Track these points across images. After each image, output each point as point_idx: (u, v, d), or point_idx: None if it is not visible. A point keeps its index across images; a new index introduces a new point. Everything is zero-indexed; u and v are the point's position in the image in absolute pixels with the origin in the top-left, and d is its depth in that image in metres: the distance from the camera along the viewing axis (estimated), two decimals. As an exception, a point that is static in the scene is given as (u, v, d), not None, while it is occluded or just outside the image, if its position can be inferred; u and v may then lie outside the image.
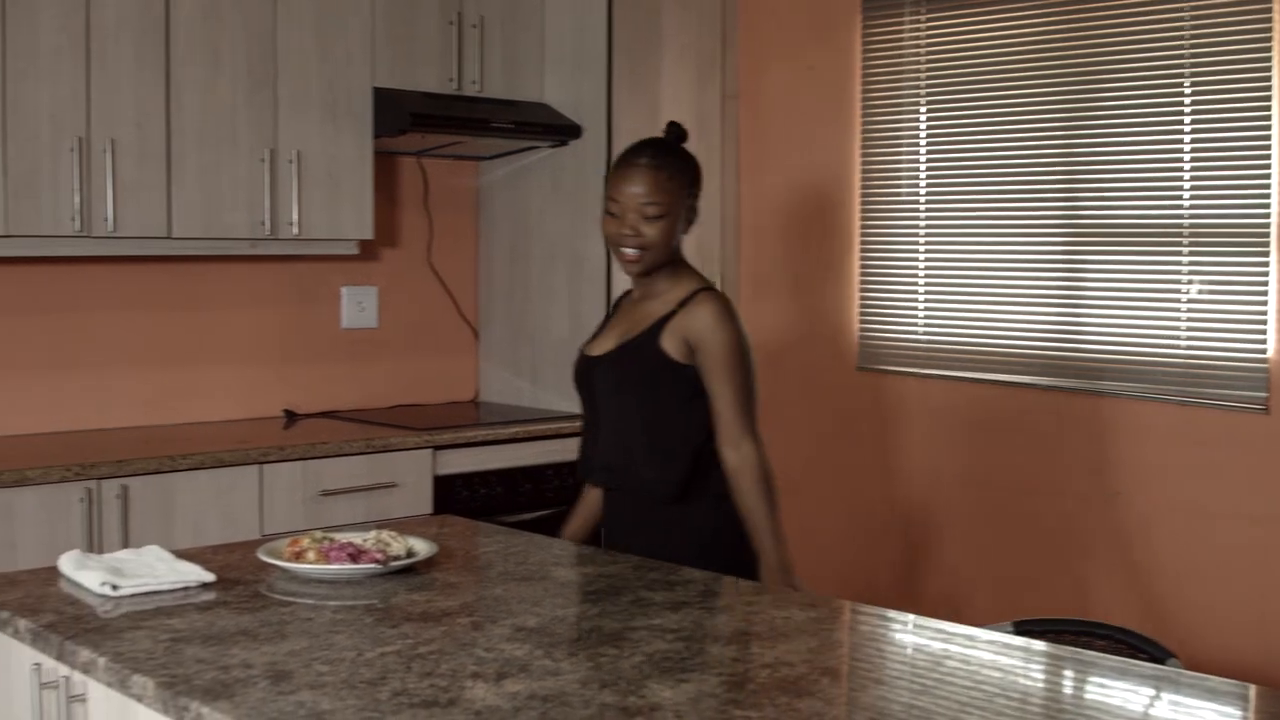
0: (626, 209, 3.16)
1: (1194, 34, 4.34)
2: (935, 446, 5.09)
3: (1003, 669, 2.23)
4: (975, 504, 4.96)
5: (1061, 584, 4.71)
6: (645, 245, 3.17)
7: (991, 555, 4.93)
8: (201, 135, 4.42)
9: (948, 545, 5.06)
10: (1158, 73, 4.42)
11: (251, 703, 1.94)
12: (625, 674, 2.08)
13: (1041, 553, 4.77)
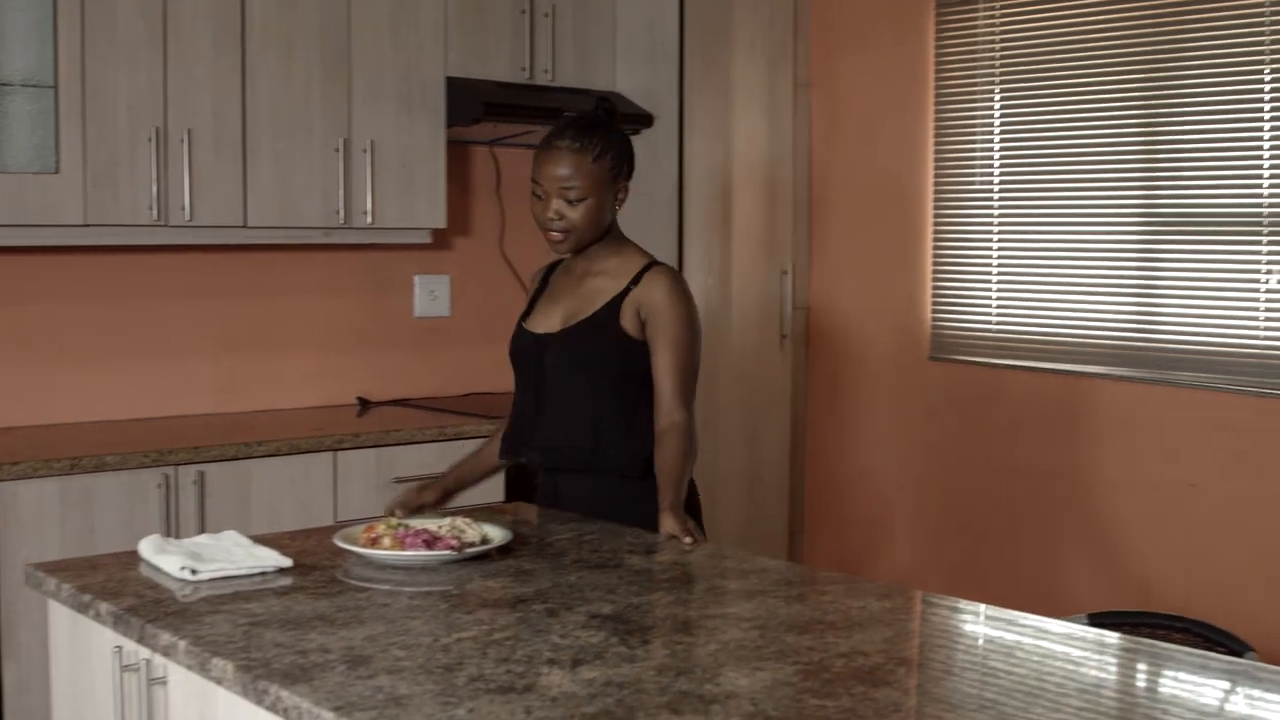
0: (549, 192, 3.12)
1: (1274, 17, 4.28)
2: (1007, 437, 5.05)
3: (1075, 661, 2.21)
4: (1048, 495, 4.92)
5: (1135, 576, 4.67)
6: (569, 228, 3.14)
7: (1064, 547, 4.89)
8: (276, 125, 4.45)
9: (1020, 537, 5.02)
10: (1237, 57, 4.36)
11: (330, 686, 1.95)
12: (700, 662, 2.08)
13: (1115, 545, 4.73)
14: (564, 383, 3.22)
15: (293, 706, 1.93)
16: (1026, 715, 1.91)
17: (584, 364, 3.21)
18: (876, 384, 5.49)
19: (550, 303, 3.30)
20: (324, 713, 1.87)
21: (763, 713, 1.86)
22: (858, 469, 5.58)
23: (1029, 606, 2.85)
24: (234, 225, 4.40)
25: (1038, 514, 4.96)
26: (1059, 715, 1.90)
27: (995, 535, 5.10)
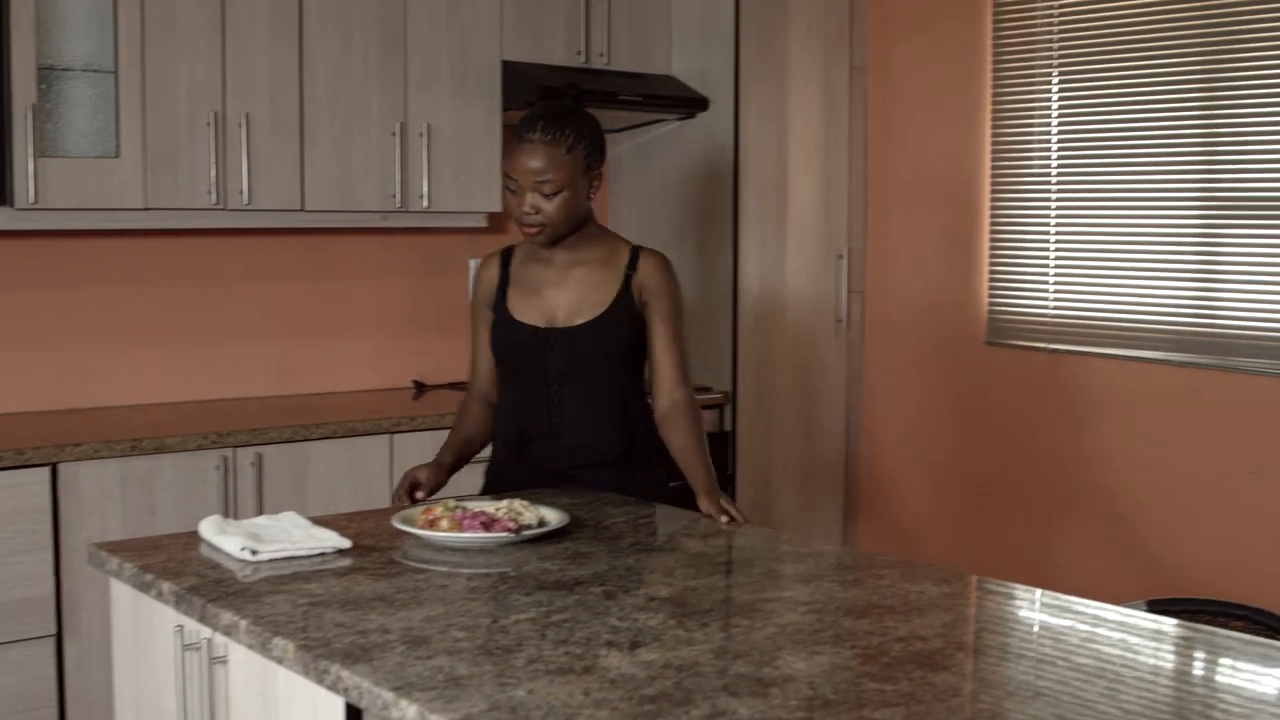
0: (524, 186, 3.06)
1: (1339, 1, 4.23)
2: (1064, 422, 5.02)
3: (1133, 647, 2.20)
4: (1105, 480, 4.89)
5: (1196, 563, 4.64)
6: (545, 221, 3.08)
7: (1122, 534, 4.86)
8: (334, 108, 4.47)
9: (1076, 523, 4.99)
10: (1301, 41, 4.32)
11: (390, 666, 1.97)
12: (759, 645, 2.09)
13: (1175, 531, 4.70)
14: (588, 377, 3.18)
15: (353, 686, 1.94)
16: (1083, 701, 1.90)
17: (613, 355, 3.20)
18: (932, 369, 5.47)
19: (532, 294, 3.20)
20: (384, 692, 1.88)
21: (821, 696, 1.86)
22: (913, 455, 5.56)
23: (1087, 593, 2.83)
24: (291, 209, 4.43)
25: (1094, 500, 4.93)
26: (1116, 701, 1.89)
27: (1051, 521, 5.07)
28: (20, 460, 3.74)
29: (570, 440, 3.20)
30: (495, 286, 3.24)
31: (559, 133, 3.06)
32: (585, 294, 3.19)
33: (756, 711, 1.80)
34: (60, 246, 4.43)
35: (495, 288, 3.24)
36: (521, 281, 3.22)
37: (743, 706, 1.82)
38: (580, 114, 3.16)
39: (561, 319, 3.18)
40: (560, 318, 3.18)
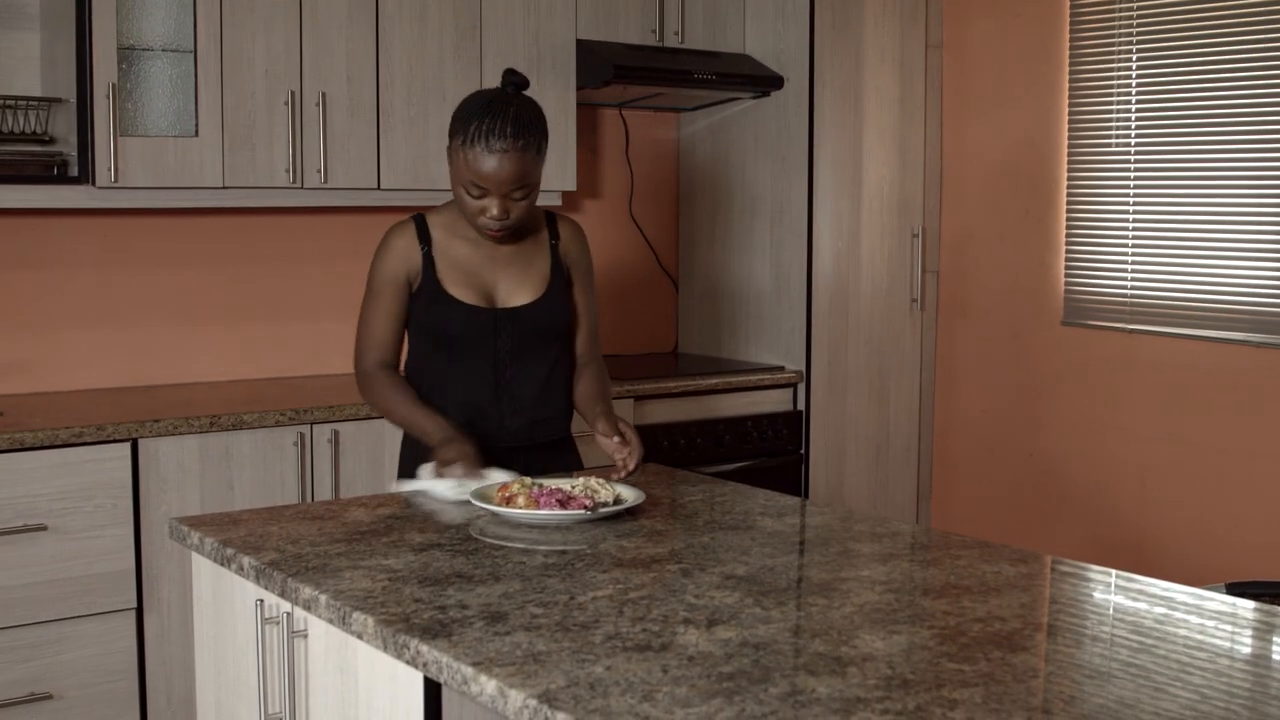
0: (491, 192, 2.95)
1: None
2: (1141, 404, 4.97)
3: (1208, 630, 2.18)
4: (1183, 463, 4.84)
5: (1278, 546, 4.58)
6: (512, 224, 3.00)
7: (1200, 516, 4.81)
8: (410, 88, 4.49)
9: (1152, 505, 4.95)
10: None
11: (469, 642, 1.98)
12: (836, 624, 2.08)
13: (1254, 514, 4.64)
14: (535, 357, 3.15)
15: (433, 661, 1.96)
16: (1156, 685, 1.88)
17: (559, 333, 3.18)
18: (1008, 350, 5.43)
19: (466, 273, 3.10)
20: (464, 668, 1.89)
21: (900, 675, 1.86)
22: (987, 436, 5.52)
23: (1166, 575, 2.81)
24: (368, 188, 4.45)
25: (1171, 482, 4.88)
26: (1188, 685, 1.87)
27: (1128, 503, 5.03)
28: (101, 436, 3.78)
29: (519, 420, 3.14)
30: (419, 263, 3.09)
31: (529, 138, 2.94)
32: (522, 271, 3.13)
33: (835, 690, 1.80)
34: (140, 225, 4.48)
35: (419, 265, 3.09)
36: (449, 259, 3.10)
37: (820, 685, 1.82)
38: (532, 105, 3.02)
39: (501, 298, 3.11)
40: (500, 297, 3.11)
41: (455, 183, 3.00)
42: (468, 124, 2.94)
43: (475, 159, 2.92)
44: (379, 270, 3.12)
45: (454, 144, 2.97)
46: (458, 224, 3.11)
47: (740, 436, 4.93)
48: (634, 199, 5.44)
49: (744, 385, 4.94)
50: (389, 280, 3.11)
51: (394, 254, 3.10)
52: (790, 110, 5.15)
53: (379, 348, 3.15)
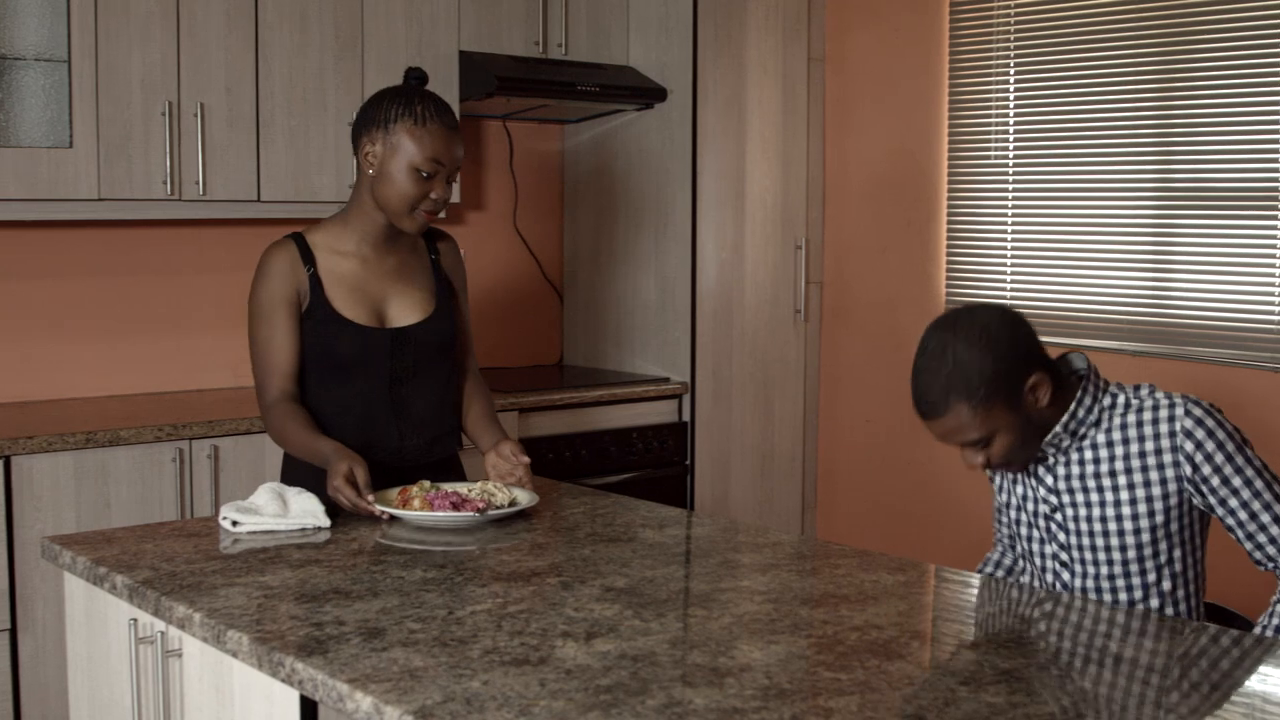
0: (442, 173, 2.95)
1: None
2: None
3: (1091, 632, 2.21)
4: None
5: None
6: (442, 208, 3.01)
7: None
8: (290, 99, 4.45)
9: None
10: (1252, 34, 4.34)
11: (345, 659, 1.96)
12: (715, 635, 2.09)
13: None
14: (428, 376, 3.11)
15: (308, 679, 1.94)
16: (1033, 688, 1.91)
17: (449, 350, 3.15)
18: (890, 359, 5.48)
19: (354, 291, 3.03)
20: (339, 685, 1.87)
21: (777, 685, 1.86)
22: (871, 445, 5.57)
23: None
24: (247, 199, 4.40)
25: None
26: (1066, 687, 1.90)
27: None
28: (-27, 453, 3.71)
29: (418, 440, 3.09)
30: (306, 284, 2.99)
31: (455, 118, 3.00)
32: (408, 289, 3.09)
33: (712, 701, 1.80)
34: (14, 238, 4.39)
35: (306, 285, 2.99)
36: (335, 277, 3.02)
37: (698, 696, 1.82)
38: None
39: (392, 317, 3.06)
40: (391, 315, 3.06)
41: (391, 172, 2.94)
42: (410, 106, 2.94)
43: (430, 137, 2.92)
44: (265, 293, 2.99)
45: (395, 129, 2.93)
46: (340, 240, 3.04)
47: (626, 448, 4.93)
48: (518, 211, 5.43)
49: (629, 397, 4.95)
50: (279, 301, 2.98)
51: (278, 274, 2.99)
52: (674, 122, 5.17)
53: (280, 375, 2.99)
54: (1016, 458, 2.60)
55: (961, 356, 2.52)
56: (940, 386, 2.53)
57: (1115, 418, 2.61)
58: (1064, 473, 2.65)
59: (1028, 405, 2.56)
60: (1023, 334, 2.58)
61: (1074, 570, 2.65)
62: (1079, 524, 2.63)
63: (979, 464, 2.61)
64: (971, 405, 2.51)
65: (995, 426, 2.54)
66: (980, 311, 2.60)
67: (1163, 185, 4.61)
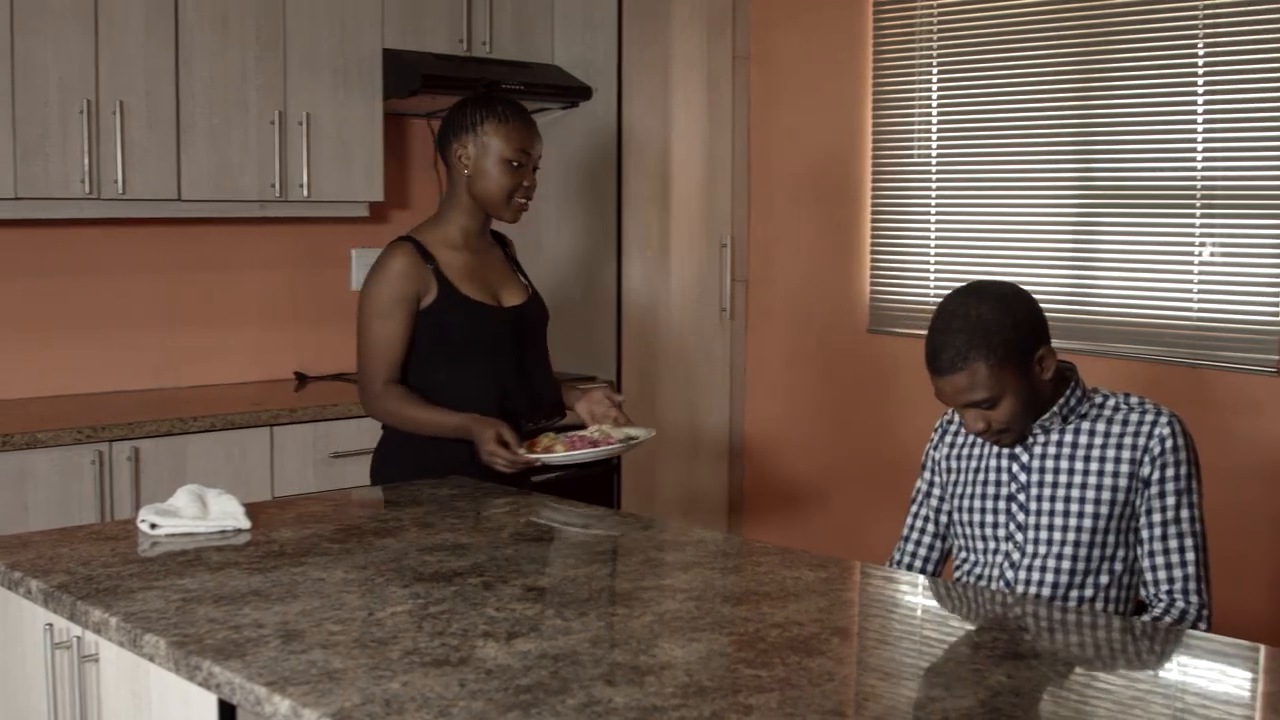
0: (527, 162, 3.27)
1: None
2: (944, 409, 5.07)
3: (1009, 628, 2.23)
4: (986, 466, 4.95)
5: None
6: (532, 198, 3.35)
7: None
8: (211, 98, 4.41)
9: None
10: (1171, 35, 4.39)
11: (263, 661, 1.94)
12: (636, 633, 2.09)
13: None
14: (538, 348, 3.41)
15: (225, 682, 1.92)
16: (949, 682, 1.92)
17: (543, 327, 3.45)
18: (815, 356, 5.51)
19: (473, 280, 3.30)
20: (257, 688, 1.86)
21: (697, 683, 1.87)
22: (796, 443, 5.59)
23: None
24: (168, 198, 4.36)
25: (975, 485, 4.99)
26: (984, 683, 1.91)
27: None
28: (-113, 457, 3.65)
29: (539, 407, 3.40)
30: (430, 279, 3.24)
31: (530, 114, 3.34)
32: (507, 276, 3.41)
33: (632, 700, 1.80)
34: (-72, 238, 4.33)
35: (431, 280, 3.24)
36: (455, 270, 3.28)
37: (618, 695, 1.82)
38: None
39: (505, 299, 3.35)
40: (504, 298, 3.35)
41: (486, 168, 3.25)
42: (491, 108, 3.27)
43: (516, 131, 3.25)
44: (388, 290, 3.23)
45: (484, 129, 3.25)
46: (447, 237, 3.31)
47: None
48: (443, 210, 5.40)
49: (555, 396, 4.93)
50: (399, 300, 3.23)
51: (402, 273, 3.23)
52: (599, 120, 5.17)
53: (390, 367, 3.25)
54: (1016, 425, 2.67)
55: (985, 316, 2.61)
56: (962, 342, 2.61)
57: (1105, 411, 2.71)
58: (1040, 451, 2.72)
59: (1035, 374, 2.65)
60: (1037, 308, 2.70)
61: (1024, 550, 2.69)
62: (1041, 503, 2.70)
63: (980, 429, 2.67)
64: (989, 363, 2.60)
65: (1004, 388, 2.62)
66: (1001, 283, 2.72)
67: (1084, 184, 4.66)
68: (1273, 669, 2.06)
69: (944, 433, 2.94)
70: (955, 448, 2.88)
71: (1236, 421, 4.31)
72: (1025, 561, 2.70)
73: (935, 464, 2.93)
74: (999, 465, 2.77)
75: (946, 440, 2.92)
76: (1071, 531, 2.66)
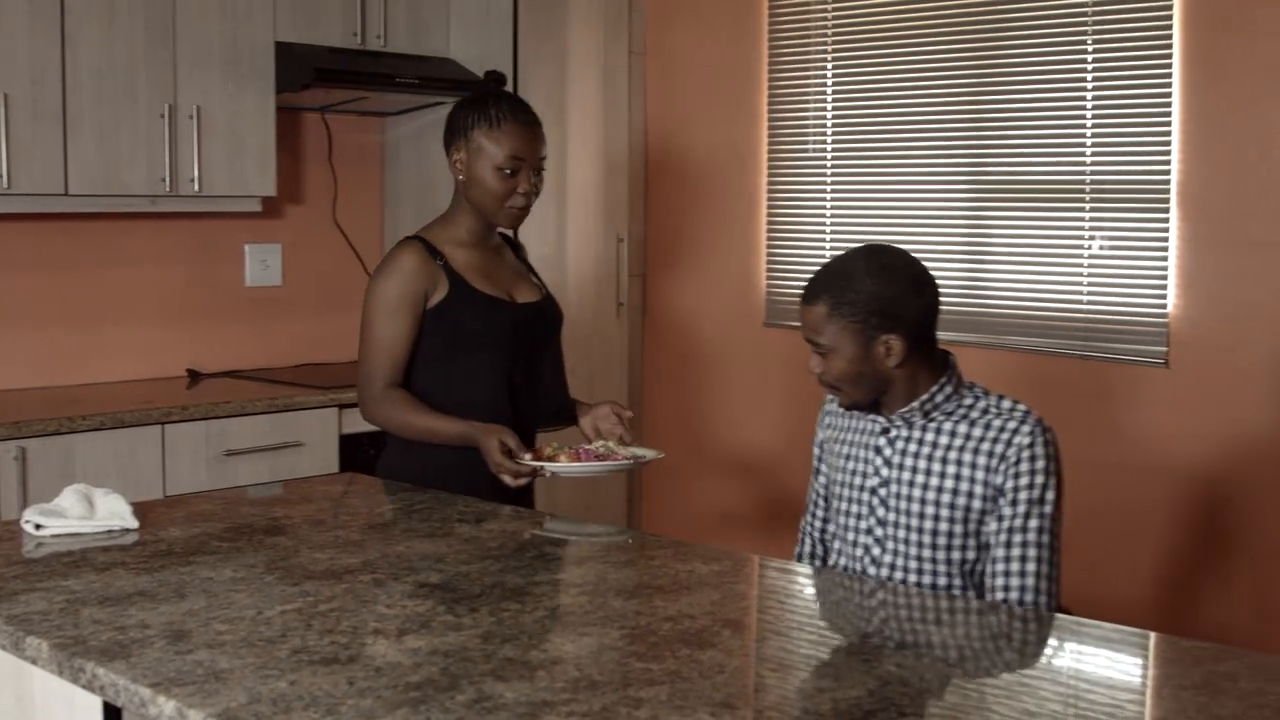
0: (525, 167, 3.17)
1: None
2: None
3: (901, 618, 2.25)
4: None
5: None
6: (532, 203, 3.25)
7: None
8: (99, 91, 4.34)
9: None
10: (1061, 30, 4.46)
11: (148, 663, 1.92)
12: (527, 628, 2.08)
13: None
14: (551, 349, 3.35)
15: (110, 684, 1.89)
16: (840, 672, 1.93)
17: (559, 325, 3.39)
18: (713, 350, 5.53)
19: (486, 275, 3.23)
20: (141, 689, 1.83)
21: (588, 677, 1.86)
22: (695, 437, 5.61)
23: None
24: (55, 193, 4.28)
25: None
26: (873, 672, 1.92)
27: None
28: None
29: (546, 410, 3.32)
30: (441, 276, 3.16)
31: (532, 115, 3.22)
32: (517, 275, 3.33)
33: (522, 695, 1.80)
34: None
35: (441, 277, 3.16)
36: (464, 265, 3.21)
37: (508, 690, 1.81)
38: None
39: (519, 296, 3.27)
40: (517, 295, 3.27)
41: (478, 175, 3.16)
42: (485, 110, 3.16)
43: (509, 134, 3.14)
44: (395, 289, 3.16)
45: (474, 135, 3.16)
46: (456, 235, 3.23)
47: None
48: (338, 205, 5.36)
49: (452, 391, 4.90)
50: (406, 298, 3.15)
51: (410, 272, 3.16)
52: (495, 115, 5.14)
53: (393, 369, 3.17)
54: (846, 389, 2.68)
55: (855, 269, 2.65)
56: (823, 281, 2.66)
57: (972, 413, 2.67)
58: (902, 447, 2.69)
59: (876, 354, 2.63)
60: (917, 302, 2.67)
61: (884, 546, 2.68)
62: (899, 501, 2.66)
63: (815, 370, 2.69)
64: (830, 308, 2.62)
65: (838, 345, 2.63)
66: (913, 262, 2.71)
67: (975, 179, 4.71)
68: (1162, 655, 2.10)
69: (825, 413, 2.92)
70: (834, 430, 2.86)
71: (1126, 413, 4.39)
72: (885, 558, 2.68)
73: (821, 444, 2.92)
74: (865, 456, 2.74)
75: (826, 422, 2.90)
76: (927, 534, 2.63)
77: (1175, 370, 4.28)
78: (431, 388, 3.18)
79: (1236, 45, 4.12)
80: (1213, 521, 4.27)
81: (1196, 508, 4.29)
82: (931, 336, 2.70)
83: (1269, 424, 4.13)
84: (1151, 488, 4.35)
